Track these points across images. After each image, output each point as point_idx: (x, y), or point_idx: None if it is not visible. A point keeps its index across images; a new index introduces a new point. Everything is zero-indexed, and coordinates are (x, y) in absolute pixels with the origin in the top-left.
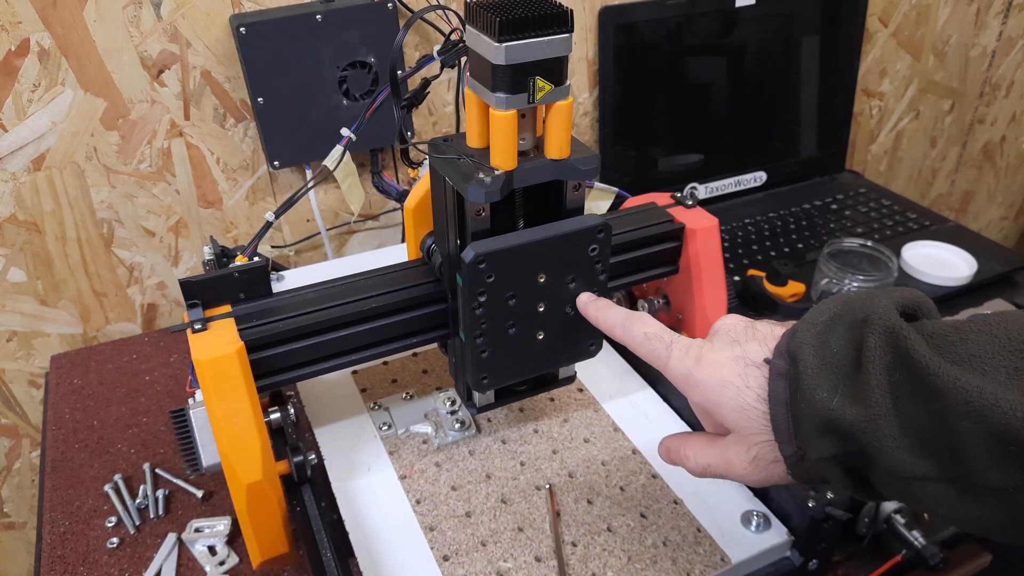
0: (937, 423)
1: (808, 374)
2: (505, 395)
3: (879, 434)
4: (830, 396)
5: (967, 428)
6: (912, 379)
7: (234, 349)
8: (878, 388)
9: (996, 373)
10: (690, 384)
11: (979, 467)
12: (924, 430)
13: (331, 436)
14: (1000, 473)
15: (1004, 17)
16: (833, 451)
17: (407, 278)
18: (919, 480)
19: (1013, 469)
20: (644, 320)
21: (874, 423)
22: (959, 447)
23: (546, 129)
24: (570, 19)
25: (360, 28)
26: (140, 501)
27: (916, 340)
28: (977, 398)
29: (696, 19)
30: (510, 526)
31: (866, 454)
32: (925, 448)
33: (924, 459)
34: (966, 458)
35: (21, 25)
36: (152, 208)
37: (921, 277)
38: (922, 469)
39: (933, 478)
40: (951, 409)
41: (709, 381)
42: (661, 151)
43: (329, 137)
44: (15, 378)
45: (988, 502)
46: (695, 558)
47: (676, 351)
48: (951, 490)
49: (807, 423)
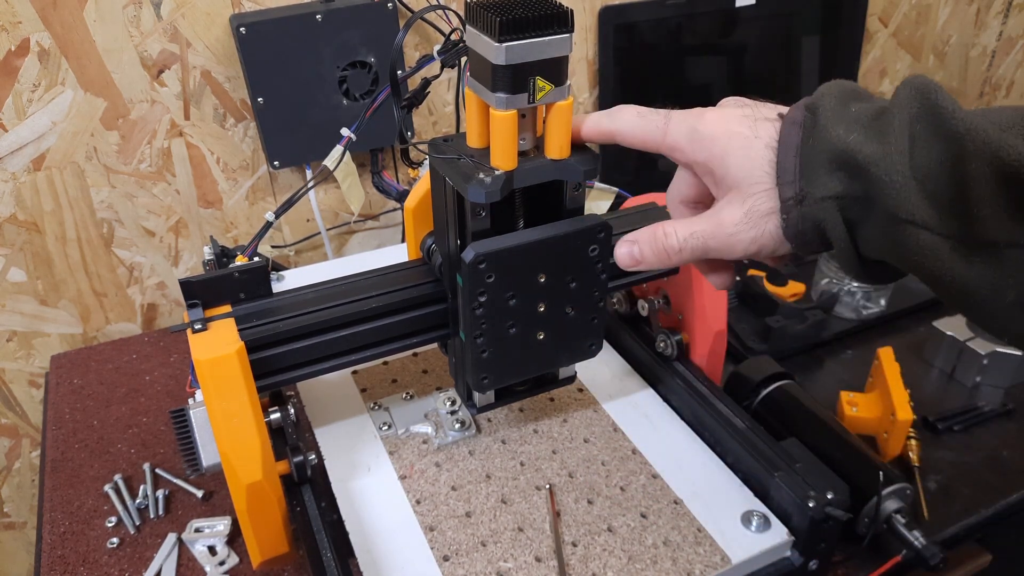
0: (948, 171)
1: (827, 115)
2: (505, 395)
3: (891, 169)
4: (847, 133)
5: (978, 171)
6: (933, 127)
7: (234, 349)
8: (899, 130)
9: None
10: (694, 140)
11: (979, 217)
12: (934, 178)
13: (331, 436)
14: (998, 225)
15: (1004, 17)
16: (838, 190)
17: (407, 278)
18: (916, 226)
19: (1013, 222)
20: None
21: (888, 158)
22: (965, 195)
23: (546, 129)
24: (570, 19)
25: (360, 28)
26: (140, 501)
27: (945, 95)
28: (995, 140)
29: (696, 19)
30: (510, 526)
31: (869, 198)
32: (930, 196)
33: (927, 206)
34: (969, 209)
35: (21, 25)
36: (152, 208)
37: None
38: (923, 214)
39: (930, 228)
40: (965, 151)
41: (716, 132)
42: None
43: (329, 137)
44: (15, 378)
45: (976, 260)
46: (695, 558)
47: (676, 116)
48: (943, 245)
49: (818, 159)
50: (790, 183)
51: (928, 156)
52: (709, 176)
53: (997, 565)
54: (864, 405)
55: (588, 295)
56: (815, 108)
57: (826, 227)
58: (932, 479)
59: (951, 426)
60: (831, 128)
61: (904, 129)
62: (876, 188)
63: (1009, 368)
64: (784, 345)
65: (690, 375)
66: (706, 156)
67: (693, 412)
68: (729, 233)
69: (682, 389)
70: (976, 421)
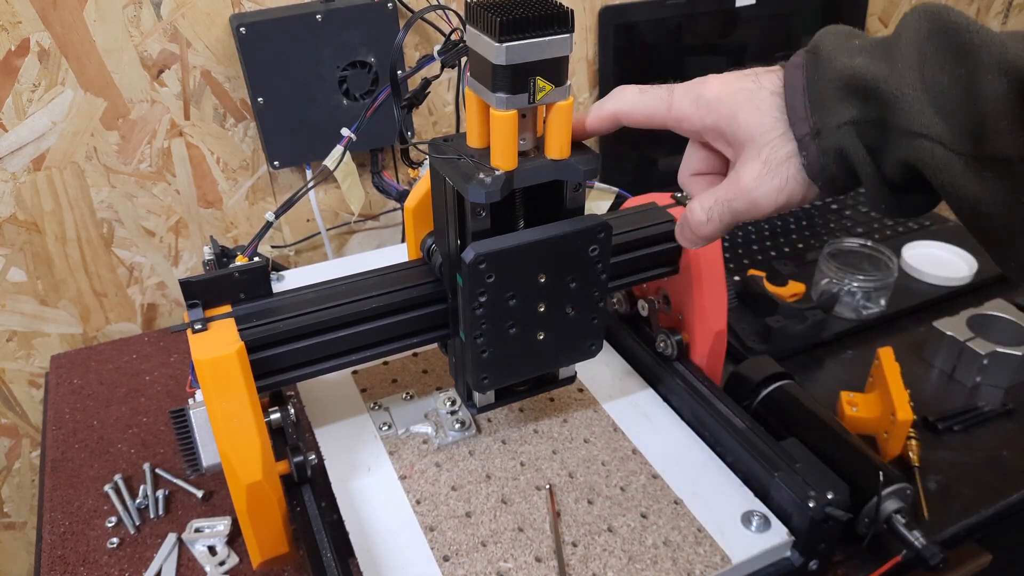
0: (960, 88)
1: (829, 50)
2: (505, 395)
3: (901, 83)
4: (851, 59)
5: (991, 84)
6: (946, 44)
7: (234, 349)
8: (907, 51)
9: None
10: (700, 104)
11: (993, 130)
12: (945, 94)
13: (331, 436)
14: (1013, 140)
15: (1004, 17)
16: (852, 115)
17: (407, 278)
18: (931, 140)
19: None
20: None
21: (897, 73)
22: (979, 109)
23: (546, 129)
24: (570, 19)
25: (360, 28)
26: (140, 501)
27: (958, 12)
28: (1012, 51)
29: (696, 19)
30: (510, 526)
31: (883, 119)
32: (943, 112)
33: (940, 121)
34: (983, 123)
35: (21, 25)
36: (152, 208)
37: (921, 277)
38: (936, 128)
39: (943, 142)
40: (979, 64)
41: (721, 93)
42: (661, 151)
43: (329, 137)
44: (15, 378)
45: (989, 175)
46: (695, 558)
47: (679, 87)
48: (957, 161)
49: (827, 89)
50: (803, 120)
51: (940, 71)
52: (721, 139)
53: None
54: (864, 405)
55: (588, 295)
56: (816, 47)
57: (848, 154)
58: (932, 479)
59: (951, 426)
60: (835, 59)
61: (912, 47)
62: (888, 105)
63: (1009, 368)
64: (784, 345)
65: (690, 375)
66: (715, 118)
67: (693, 412)
68: (751, 188)
69: (682, 389)
70: (976, 421)
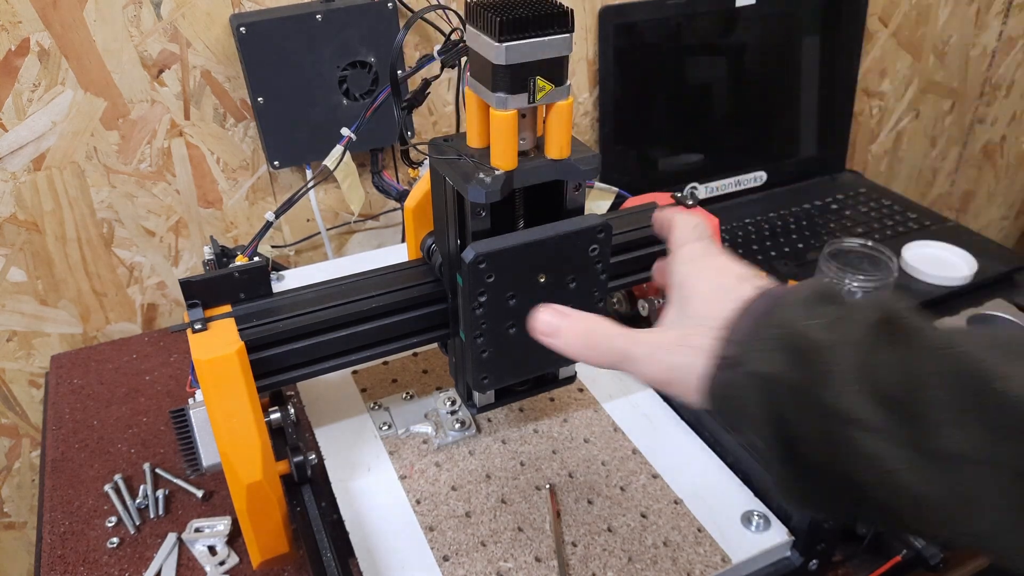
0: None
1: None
2: (505, 395)
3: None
4: (807, 317)
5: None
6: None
7: (234, 349)
8: (857, 327)
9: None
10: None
11: (938, 422)
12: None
13: (331, 436)
14: (960, 433)
15: (1004, 17)
16: (776, 369)
17: (407, 278)
18: (861, 428)
19: (975, 430)
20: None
21: (842, 347)
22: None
23: (546, 129)
24: (570, 19)
25: (360, 28)
26: (140, 501)
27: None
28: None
29: (696, 19)
30: (510, 526)
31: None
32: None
33: (878, 407)
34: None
35: (21, 25)
36: (152, 208)
37: (921, 277)
38: (871, 416)
39: (879, 430)
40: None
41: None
42: (661, 151)
43: (329, 137)
44: (15, 378)
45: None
46: (695, 558)
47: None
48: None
49: (770, 332)
50: (734, 343)
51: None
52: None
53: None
54: None
55: (588, 295)
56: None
57: (746, 405)
58: None
59: None
60: (794, 309)
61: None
62: (818, 379)
63: None
64: None
65: None
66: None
67: (693, 412)
68: (655, 347)
69: None
70: None
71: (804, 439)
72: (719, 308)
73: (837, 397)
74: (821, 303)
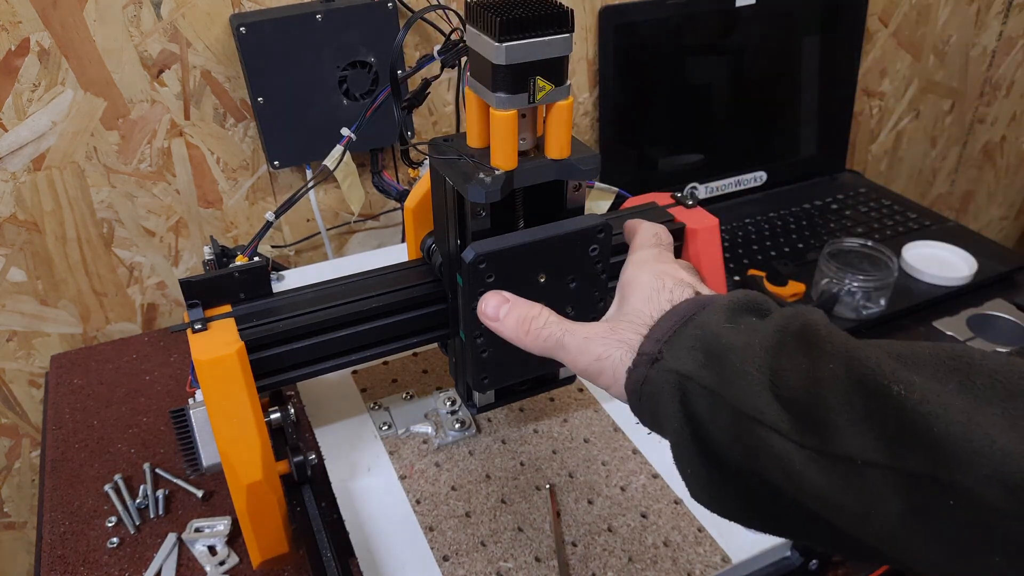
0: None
1: (718, 306)
2: (505, 395)
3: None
4: (725, 322)
5: (833, 372)
6: (800, 338)
7: (234, 349)
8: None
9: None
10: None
11: (837, 424)
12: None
13: (331, 436)
14: (852, 436)
15: (1004, 17)
16: (689, 367)
17: (407, 278)
18: (769, 429)
19: (868, 435)
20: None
21: (750, 352)
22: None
23: (546, 129)
24: (570, 19)
25: (360, 28)
26: (140, 501)
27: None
28: (853, 348)
29: (696, 19)
30: (510, 526)
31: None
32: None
33: (783, 409)
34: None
35: (21, 25)
36: (152, 208)
37: (921, 277)
38: (777, 417)
39: (784, 432)
40: (823, 354)
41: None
42: (661, 151)
43: (329, 137)
44: (15, 378)
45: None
46: (696, 558)
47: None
48: (800, 452)
49: (690, 332)
50: (656, 340)
51: (788, 360)
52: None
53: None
54: None
55: (588, 295)
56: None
57: (661, 402)
58: None
59: None
60: (715, 314)
61: (773, 336)
62: (729, 379)
63: None
64: None
65: None
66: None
67: None
68: (585, 337)
69: None
70: None
71: (716, 438)
72: (652, 307)
73: (745, 398)
74: (743, 311)
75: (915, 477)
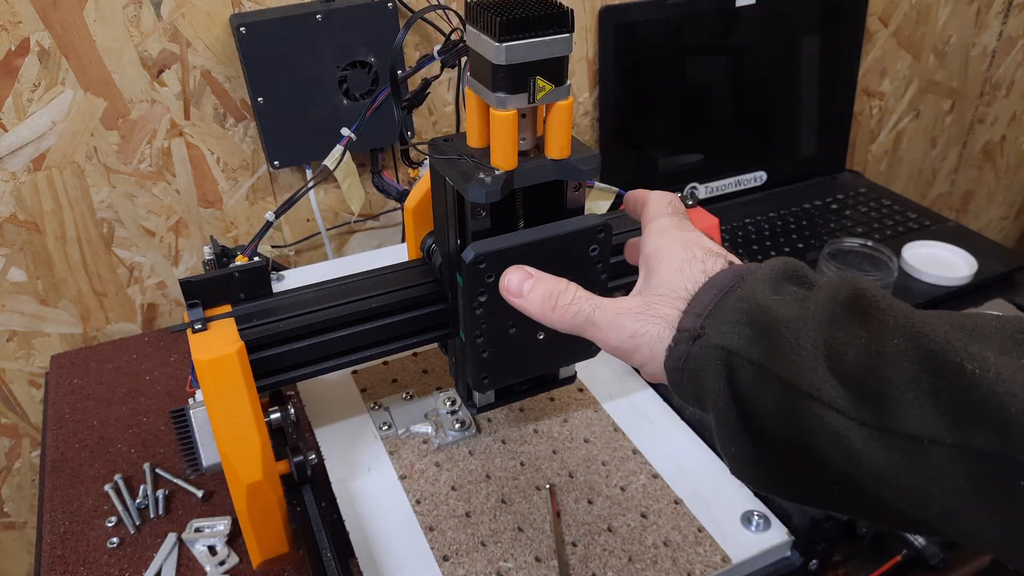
0: (867, 348)
1: (759, 276)
2: (505, 395)
3: (801, 336)
4: (771, 294)
5: (897, 347)
6: (854, 309)
7: (234, 349)
8: (821, 304)
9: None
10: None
11: (900, 401)
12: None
13: (331, 436)
14: (919, 413)
15: (1004, 17)
16: (736, 342)
17: (407, 278)
18: (823, 405)
19: (938, 411)
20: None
21: (802, 324)
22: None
23: (546, 129)
24: (570, 19)
25: (360, 28)
26: (140, 501)
27: (876, 287)
28: (919, 322)
29: (696, 19)
30: (510, 526)
31: (766, 365)
32: (845, 377)
33: (839, 384)
34: (887, 391)
35: (21, 25)
36: (152, 208)
37: (921, 277)
38: (833, 393)
39: (840, 408)
40: (885, 327)
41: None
42: (661, 151)
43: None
44: (15, 378)
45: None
46: (695, 558)
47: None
48: (857, 428)
49: (733, 305)
50: (697, 315)
51: (844, 333)
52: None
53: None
54: None
55: None
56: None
57: (705, 378)
58: None
59: None
60: (758, 286)
61: (825, 305)
62: (780, 354)
63: None
64: None
65: None
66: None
67: (693, 412)
68: (617, 313)
69: None
70: None
71: (764, 415)
72: (685, 279)
73: (799, 373)
74: (787, 280)
75: (984, 455)
